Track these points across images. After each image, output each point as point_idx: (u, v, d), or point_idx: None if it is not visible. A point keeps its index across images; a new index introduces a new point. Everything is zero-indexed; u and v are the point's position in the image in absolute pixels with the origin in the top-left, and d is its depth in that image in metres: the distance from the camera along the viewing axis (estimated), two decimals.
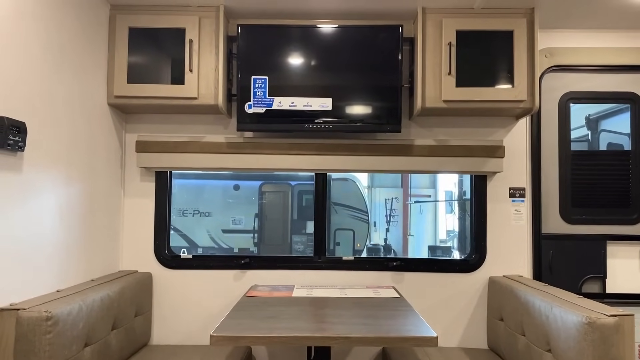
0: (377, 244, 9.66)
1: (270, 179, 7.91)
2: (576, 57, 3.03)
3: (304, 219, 8.03)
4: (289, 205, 7.95)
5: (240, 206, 7.79)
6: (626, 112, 3.12)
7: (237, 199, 7.84)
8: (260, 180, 7.81)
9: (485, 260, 3.00)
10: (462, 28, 2.74)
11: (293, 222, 7.92)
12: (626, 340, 1.88)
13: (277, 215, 7.84)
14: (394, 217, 10.03)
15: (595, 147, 3.25)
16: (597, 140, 3.27)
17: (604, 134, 3.27)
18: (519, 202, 3.01)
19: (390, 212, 9.89)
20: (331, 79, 2.81)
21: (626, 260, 3.00)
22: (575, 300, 2.15)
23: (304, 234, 8.11)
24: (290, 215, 7.93)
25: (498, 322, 2.76)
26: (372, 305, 2.46)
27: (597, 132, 3.27)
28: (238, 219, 7.72)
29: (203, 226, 7.51)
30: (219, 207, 7.63)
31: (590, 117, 3.24)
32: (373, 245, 9.37)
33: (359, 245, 8.11)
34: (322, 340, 1.94)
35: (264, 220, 7.77)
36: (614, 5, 2.73)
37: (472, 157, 2.91)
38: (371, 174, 10.38)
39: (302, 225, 8.06)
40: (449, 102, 2.73)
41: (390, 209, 9.90)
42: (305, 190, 8.23)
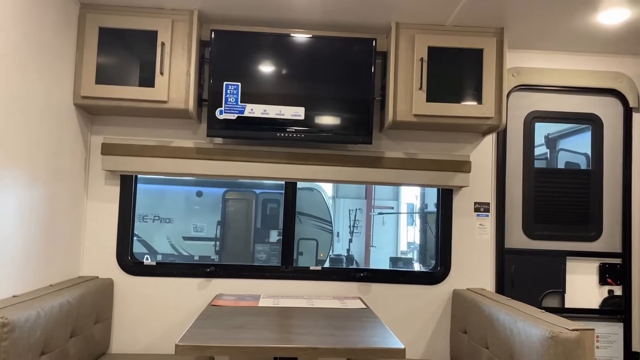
0: (339, 254, 9.69)
1: (235, 186, 7.84)
2: (541, 78, 3.12)
3: (267, 227, 7.98)
4: (253, 214, 7.89)
5: (203, 213, 7.69)
6: (583, 132, 3.23)
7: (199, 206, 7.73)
8: (224, 187, 7.73)
9: (450, 273, 3.05)
10: (434, 44, 2.79)
11: (256, 231, 7.86)
12: (587, 355, 1.93)
13: (240, 224, 7.77)
14: (358, 228, 10.09)
15: (554, 165, 3.35)
16: (556, 159, 3.37)
17: (562, 152, 3.38)
18: (483, 217, 3.07)
19: (354, 223, 9.94)
20: (304, 88, 2.81)
21: (584, 276, 3.09)
22: (538, 315, 2.20)
23: (267, 242, 8.05)
24: (253, 224, 7.87)
25: (461, 334, 2.80)
26: (339, 316, 2.45)
27: (555, 150, 3.37)
28: (200, 226, 7.62)
29: (163, 232, 7.37)
30: (181, 213, 7.50)
31: (550, 136, 3.34)
32: (336, 255, 9.39)
33: (322, 255, 8.11)
34: (289, 351, 1.92)
35: (227, 228, 7.68)
36: (579, 30, 2.84)
37: (440, 171, 2.96)
38: (336, 184, 10.43)
39: (265, 234, 8.01)
40: (420, 116, 2.77)
41: (354, 219, 9.96)
42: (270, 199, 8.19)
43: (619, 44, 2.99)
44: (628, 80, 3.13)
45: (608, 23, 2.73)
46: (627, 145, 3.14)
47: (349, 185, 10.48)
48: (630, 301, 3.07)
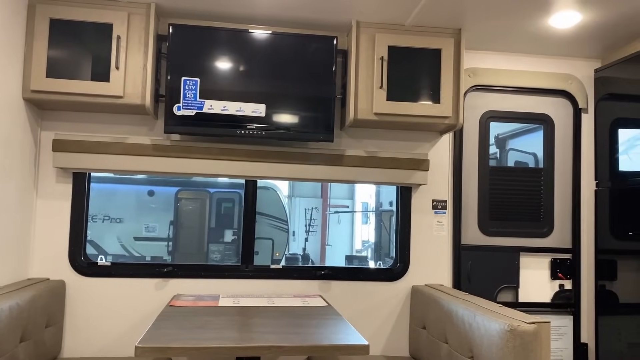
0: (295, 253, 9.68)
1: (188, 185, 7.71)
2: (496, 78, 3.21)
3: (222, 227, 7.89)
4: (207, 213, 7.78)
5: (155, 213, 7.52)
6: (532, 133, 3.35)
7: (151, 205, 7.56)
8: (177, 186, 7.59)
9: (409, 269, 3.09)
10: (394, 44, 2.82)
11: (210, 231, 7.75)
12: (543, 346, 1.99)
13: (193, 223, 7.64)
14: (313, 226, 10.11)
15: (504, 164, 3.45)
16: (506, 158, 3.47)
17: (512, 152, 3.48)
18: (440, 214, 3.13)
19: (310, 221, 9.95)
20: (265, 85, 2.78)
21: (537, 271, 3.20)
22: (496, 309, 2.26)
23: (221, 242, 7.95)
24: (207, 224, 7.76)
25: (420, 330, 2.84)
26: (301, 314, 2.44)
27: (505, 150, 3.47)
28: (152, 226, 7.45)
29: (113, 233, 7.17)
30: (132, 213, 7.32)
31: (499, 136, 3.44)
32: (292, 254, 9.37)
33: (277, 255, 8.07)
34: (252, 351, 1.90)
35: (180, 228, 7.54)
36: (532, 32, 2.93)
37: (400, 169, 2.99)
38: (292, 183, 10.42)
39: (220, 233, 7.91)
40: (380, 114, 2.79)
41: (310, 218, 9.97)
42: (225, 198, 8.10)
43: (570, 46, 3.11)
44: (578, 82, 3.25)
45: (560, 26, 2.83)
46: (576, 144, 3.26)
47: (305, 184, 10.51)
48: (579, 295, 3.20)
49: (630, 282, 2.90)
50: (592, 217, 3.21)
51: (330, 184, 10.57)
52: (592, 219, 3.21)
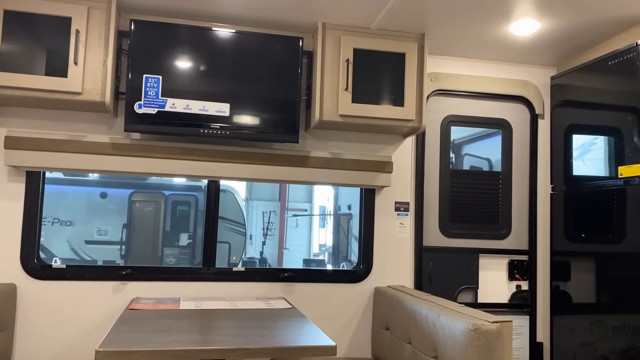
0: (252, 257, 9.60)
1: (142, 187, 7.53)
2: (457, 83, 3.27)
3: (177, 231, 7.75)
4: (162, 216, 7.62)
5: (107, 215, 7.32)
6: (486, 139, 3.43)
7: (103, 208, 7.35)
8: (131, 188, 7.41)
9: (372, 271, 3.10)
10: (359, 46, 2.84)
11: (165, 234, 7.60)
12: (505, 345, 2.03)
13: (148, 227, 7.47)
14: (271, 230, 10.05)
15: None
16: (461, 163, 3.55)
17: (467, 157, 3.56)
18: (403, 216, 3.16)
19: (268, 225, 9.89)
20: (230, 84, 2.75)
21: (495, 272, 3.27)
22: (460, 309, 2.29)
23: (177, 246, 7.81)
24: (162, 227, 7.60)
25: (383, 331, 2.86)
26: (266, 316, 2.41)
27: (461, 155, 3.55)
28: (104, 230, 7.24)
29: (63, 236, 6.93)
30: (83, 215, 7.09)
31: (455, 141, 3.52)
32: (249, 258, 9.29)
33: (234, 259, 7.98)
34: (219, 353, 1.86)
35: (133, 231, 7.36)
36: (493, 39, 3.01)
37: (364, 171, 3.01)
38: (249, 186, 10.33)
39: (175, 237, 7.76)
40: (345, 116, 2.80)
41: (268, 222, 9.91)
42: (180, 201, 7.96)
43: (528, 54, 3.21)
44: (535, 89, 3.36)
45: (519, 34, 2.92)
46: (533, 149, 3.37)
47: (263, 187, 10.45)
48: (535, 295, 3.30)
49: (582, 282, 3.00)
50: (547, 219, 3.32)
51: (288, 187, 10.55)
52: (547, 221, 3.31)
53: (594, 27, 2.81)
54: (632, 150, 2.66)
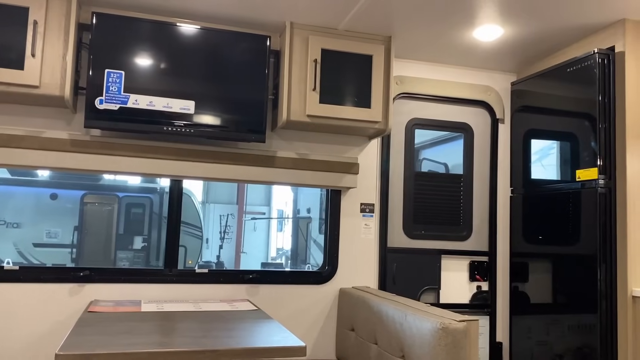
0: (209, 261, 9.46)
1: (95, 189, 7.31)
2: (422, 87, 3.32)
3: (131, 233, 7.56)
4: (115, 219, 7.42)
5: (57, 218, 7.06)
6: (443, 144, 3.50)
7: (53, 210, 7.09)
8: (83, 189, 7.18)
9: (337, 272, 3.10)
10: (327, 47, 2.84)
11: (118, 237, 7.40)
12: (472, 343, 2.06)
13: (100, 229, 7.26)
14: (228, 233, 9.93)
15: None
16: (420, 167, 3.60)
17: (425, 161, 3.62)
18: (368, 217, 3.17)
19: (225, 228, 9.76)
20: (195, 81, 2.69)
21: (456, 273, 3.33)
22: (426, 309, 2.32)
23: (130, 250, 7.61)
24: (115, 230, 7.40)
25: (348, 332, 2.86)
26: (232, 318, 2.37)
27: (419, 160, 3.60)
28: (54, 232, 6.98)
29: (9, 238, 6.64)
30: (31, 217, 6.82)
31: (414, 146, 3.57)
32: (205, 262, 9.15)
33: (190, 262, 7.84)
34: (188, 356, 1.80)
35: (85, 234, 7.13)
36: (457, 44, 3.07)
37: (330, 172, 3.01)
38: (206, 189, 10.18)
39: (129, 240, 7.57)
40: (313, 117, 2.79)
41: (225, 225, 9.78)
42: (135, 203, 7.77)
43: (490, 60, 3.29)
44: (496, 94, 3.45)
45: (482, 39, 2.99)
46: (493, 153, 3.45)
47: (221, 189, 10.31)
48: (495, 296, 3.37)
49: (540, 283, 3.09)
50: (507, 222, 3.40)
51: (247, 190, 10.45)
52: (507, 223, 3.40)
53: (553, 34, 2.91)
54: (588, 155, 2.76)
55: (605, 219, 2.67)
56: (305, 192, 9.35)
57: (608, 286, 2.64)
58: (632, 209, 2.60)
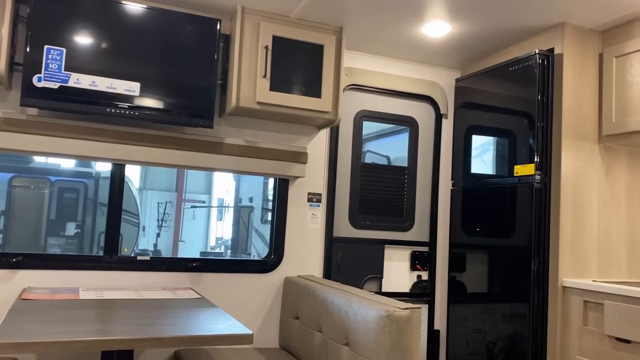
0: (145, 249, 9.23)
1: (25, 172, 6.96)
2: (371, 79, 3.36)
3: (63, 219, 7.27)
4: (46, 204, 7.10)
5: None
6: (385, 137, 3.57)
7: None
8: (11, 172, 6.82)
9: (283, 260, 3.10)
10: (278, 34, 2.81)
11: (50, 223, 7.09)
12: (414, 330, 2.12)
13: (29, 214, 6.93)
14: (167, 221, 9.70)
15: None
16: (364, 159, 3.66)
17: (369, 154, 3.68)
18: (315, 207, 3.19)
19: (163, 216, 9.54)
20: (141, 63, 2.60)
21: (398, 263, 3.41)
22: (371, 297, 2.36)
23: (62, 236, 7.33)
24: (46, 215, 7.09)
25: (293, 320, 2.87)
26: (175, 306, 2.32)
27: (363, 152, 3.65)
28: None
29: None
30: None
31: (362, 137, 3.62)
32: (141, 250, 8.94)
33: (126, 250, 7.63)
34: (130, 343, 1.75)
35: (13, 219, 6.79)
36: (405, 38, 3.12)
37: (279, 160, 3.00)
38: (143, 175, 9.89)
39: (60, 226, 7.28)
40: (263, 104, 2.77)
41: (164, 213, 9.56)
42: (68, 188, 7.47)
43: (437, 56, 3.37)
44: (440, 90, 3.54)
45: (430, 35, 3.05)
46: (436, 147, 3.54)
47: (159, 176, 10.05)
48: (434, 285, 3.48)
49: (476, 273, 3.21)
50: (447, 214, 3.51)
51: (186, 178, 10.25)
52: (447, 215, 3.51)
53: (498, 34, 3.01)
54: (526, 151, 2.89)
55: (540, 213, 2.80)
56: (248, 180, 9.28)
57: (540, 277, 2.77)
58: (565, 204, 2.75)
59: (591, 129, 2.84)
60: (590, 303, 2.58)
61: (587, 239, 2.78)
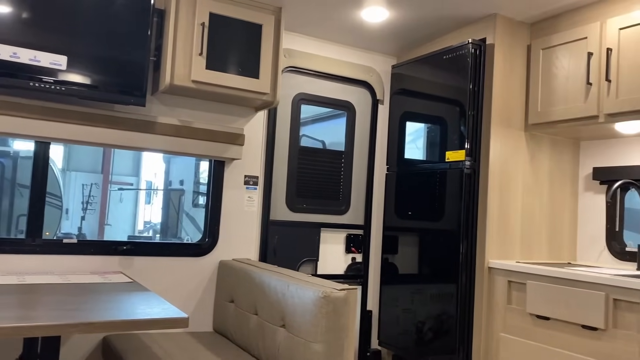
0: (69, 233, 8.84)
1: None
2: (310, 62, 3.35)
3: None
4: None
5: None
6: (320, 122, 3.60)
7: None
8: None
9: (218, 244, 3.05)
10: (216, 11, 2.73)
11: None
12: (350, 310, 2.15)
13: None
14: (92, 204, 9.31)
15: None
16: (299, 143, 3.67)
17: (304, 138, 3.69)
18: (252, 190, 3.15)
19: (88, 199, 9.14)
20: (69, 35, 2.45)
21: (334, 245, 3.45)
22: (308, 279, 2.37)
23: None
24: None
25: (227, 304, 2.84)
26: (105, 290, 2.23)
27: (298, 136, 3.66)
28: None
29: None
30: None
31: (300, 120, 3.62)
32: (64, 234, 8.57)
33: (47, 234, 7.26)
34: (59, 329, 1.67)
35: None
36: (345, 23, 3.13)
37: (215, 142, 2.93)
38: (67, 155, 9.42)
39: None
40: (198, 82, 2.69)
41: (89, 195, 9.15)
42: None
43: (374, 41, 3.40)
44: (377, 75, 3.58)
45: (369, 20, 3.07)
46: (373, 132, 3.60)
47: (84, 157, 9.60)
48: (367, 267, 3.55)
49: (407, 255, 3.30)
50: (382, 198, 3.58)
51: (113, 159, 9.85)
52: (382, 199, 3.58)
53: (433, 22, 3.08)
54: (457, 138, 2.98)
55: (469, 197, 2.91)
56: (178, 163, 9.04)
57: (468, 258, 2.89)
58: (492, 189, 2.87)
59: (518, 117, 2.97)
60: (514, 283, 2.72)
61: (511, 222, 2.93)
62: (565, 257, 3.12)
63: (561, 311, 2.44)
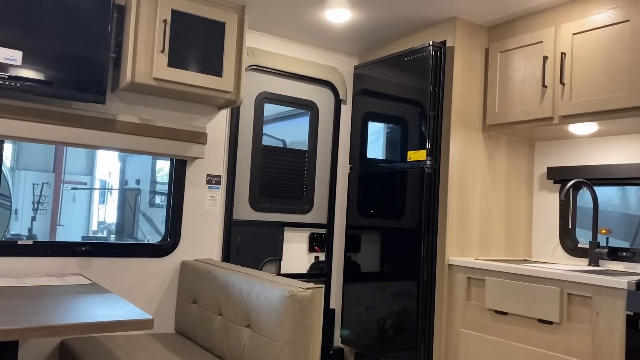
0: (18, 234, 8.52)
1: None
2: (273, 61, 3.34)
3: None
4: None
5: None
6: (280, 121, 3.60)
7: None
8: None
9: (179, 244, 3.01)
10: (178, 8, 2.69)
11: None
12: (316, 309, 2.17)
13: None
14: (43, 204, 9.00)
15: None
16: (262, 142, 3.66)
17: (265, 137, 3.69)
18: (214, 189, 3.12)
19: (40, 198, 8.82)
20: (25, 30, 2.37)
21: (297, 245, 3.46)
22: (273, 278, 2.37)
23: None
24: None
25: (190, 305, 2.80)
26: (64, 292, 2.17)
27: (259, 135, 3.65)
28: None
29: None
30: None
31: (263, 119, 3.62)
32: (14, 235, 8.26)
33: None
34: (19, 334, 1.61)
35: None
36: (308, 22, 3.14)
37: (177, 140, 2.88)
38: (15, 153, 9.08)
39: None
40: (160, 80, 2.64)
41: (40, 195, 8.84)
42: None
43: (338, 42, 3.43)
44: (340, 76, 3.61)
45: (332, 21, 3.10)
46: (336, 131, 3.62)
47: (35, 155, 9.26)
48: (331, 265, 3.57)
49: (369, 254, 3.35)
50: (345, 196, 3.61)
51: (65, 157, 9.54)
52: (345, 198, 3.61)
53: (395, 24, 3.13)
54: (418, 138, 3.04)
55: (430, 196, 2.97)
56: (135, 162, 8.85)
57: (429, 256, 2.95)
58: (452, 188, 2.94)
59: (477, 118, 3.05)
60: (473, 279, 2.80)
61: (470, 220, 3.00)
62: (521, 254, 3.22)
63: (518, 306, 2.53)
